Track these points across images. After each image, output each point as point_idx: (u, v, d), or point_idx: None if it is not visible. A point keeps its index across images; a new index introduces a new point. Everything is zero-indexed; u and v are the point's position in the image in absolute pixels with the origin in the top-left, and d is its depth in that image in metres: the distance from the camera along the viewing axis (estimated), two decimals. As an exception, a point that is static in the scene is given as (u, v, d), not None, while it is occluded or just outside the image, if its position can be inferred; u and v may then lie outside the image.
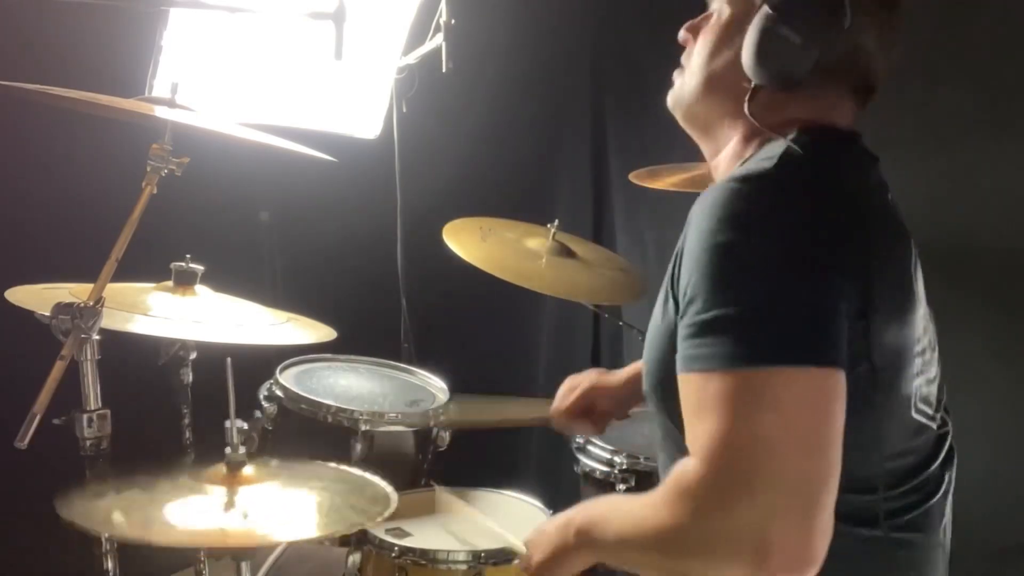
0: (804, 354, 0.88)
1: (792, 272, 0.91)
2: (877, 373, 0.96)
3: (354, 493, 1.36)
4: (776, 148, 1.01)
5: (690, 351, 0.92)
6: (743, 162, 1.09)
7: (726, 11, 1.11)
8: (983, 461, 2.05)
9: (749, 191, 0.95)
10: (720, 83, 1.10)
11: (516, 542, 1.42)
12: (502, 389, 2.91)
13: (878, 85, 1.11)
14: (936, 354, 1.11)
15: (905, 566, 1.04)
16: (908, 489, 1.03)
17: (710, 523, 0.87)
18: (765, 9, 1.02)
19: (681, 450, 1.02)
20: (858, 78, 1.09)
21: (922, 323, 1.04)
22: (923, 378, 1.04)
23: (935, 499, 1.06)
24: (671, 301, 1.00)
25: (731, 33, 1.09)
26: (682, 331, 0.94)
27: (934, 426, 1.08)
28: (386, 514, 1.27)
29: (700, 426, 0.90)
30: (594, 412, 1.58)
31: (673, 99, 1.18)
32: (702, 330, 0.91)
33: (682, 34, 1.18)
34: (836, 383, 0.88)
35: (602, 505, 1.08)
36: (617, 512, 1.03)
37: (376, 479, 1.42)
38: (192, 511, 1.21)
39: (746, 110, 1.06)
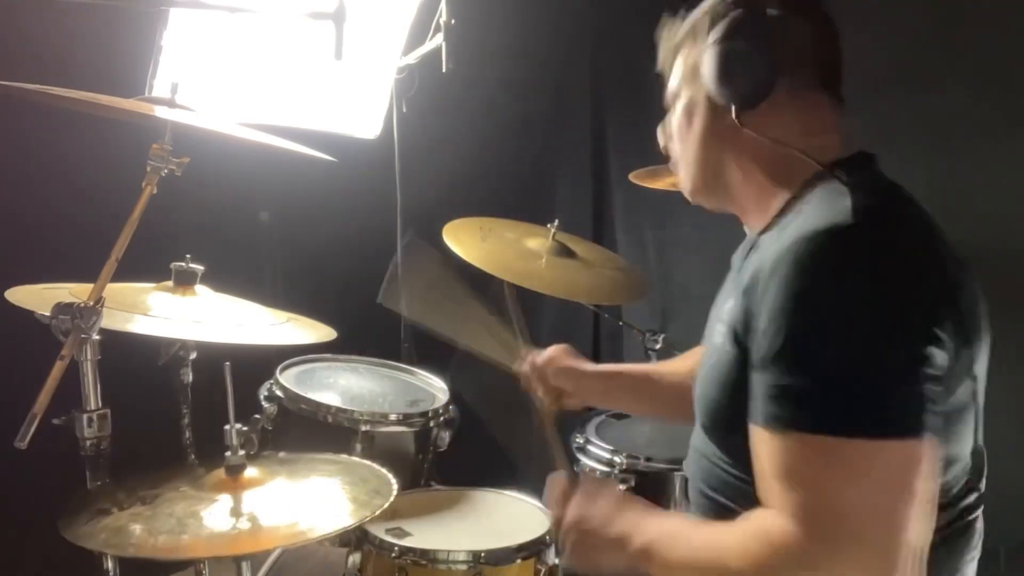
0: (897, 428, 0.91)
1: (887, 340, 0.92)
2: (956, 416, 1.02)
3: (357, 486, 1.37)
4: (842, 197, 1.01)
5: (775, 410, 0.94)
6: (787, 204, 1.10)
7: (683, 96, 1.18)
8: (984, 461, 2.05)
9: (836, 247, 0.94)
10: (710, 139, 1.15)
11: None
12: (502, 388, 2.92)
13: (841, 75, 1.14)
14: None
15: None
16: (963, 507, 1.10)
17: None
18: (709, 50, 1.08)
19: (731, 490, 1.08)
20: (816, 65, 1.11)
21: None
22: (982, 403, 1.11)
23: (977, 511, 1.14)
24: (737, 345, 1.01)
25: (695, 104, 1.15)
26: (765, 386, 0.95)
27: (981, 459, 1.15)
28: (385, 505, 1.29)
29: (790, 488, 0.93)
30: (546, 383, 1.62)
31: (690, 191, 1.23)
32: (790, 392, 0.93)
33: (661, 141, 1.27)
34: (925, 453, 0.91)
35: (668, 525, 1.09)
36: (689, 537, 1.05)
37: (378, 467, 1.44)
38: (201, 521, 1.21)
39: (747, 133, 1.09)
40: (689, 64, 1.16)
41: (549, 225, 2.14)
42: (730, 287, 1.14)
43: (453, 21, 2.19)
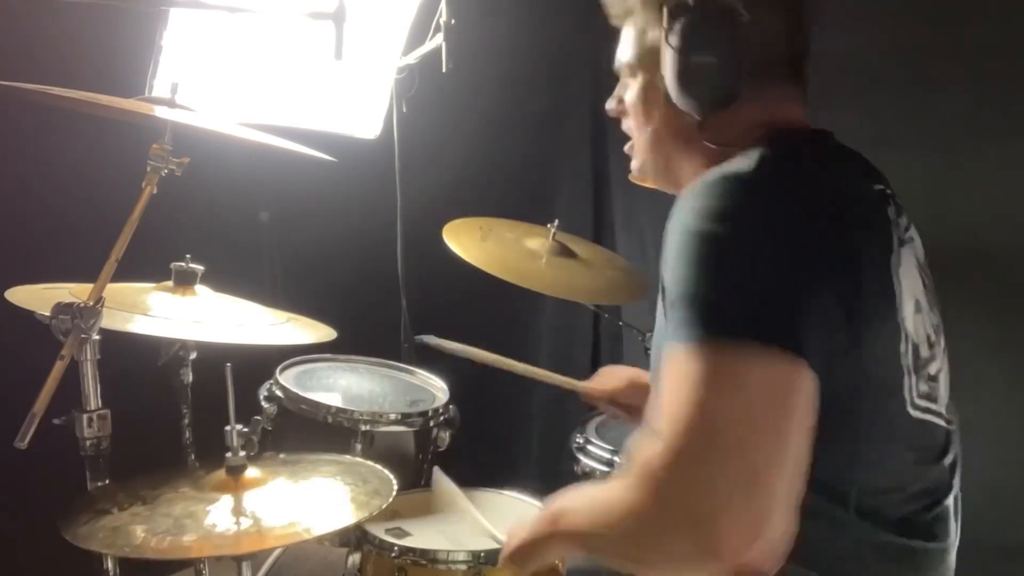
0: (773, 334, 0.87)
1: (772, 265, 0.91)
2: (866, 376, 0.96)
3: (357, 487, 1.37)
4: (752, 153, 1.01)
5: (669, 329, 0.93)
6: None
7: (638, 76, 1.17)
8: (983, 461, 2.05)
9: (730, 186, 0.95)
10: (665, 134, 1.15)
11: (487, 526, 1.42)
12: (503, 389, 2.92)
13: (806, 58, 1.12)
14: (940, 348, 1.10)
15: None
16: (916, 492, 1.02)
17: (663, 499, 0.87)
18: (668, 51, 1.05)
19: None
20: (784, 61, 1.10)
21: (914, 318, 1.03)
22: (921, 374, 1.03)
23: (943, 504, 1.05)
24: (662, 298, 1.01)
25: (651, 90, 1.14)
26: (667, 310, 0.96)
27: (941, 422, 1.07)
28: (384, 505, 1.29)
29: (664, 401, 0.90)
30: (620, 402, 1.65)
31: (637, 169, 1.24)
32: (678, 306, 0.92)
33: (612, 108, 1.26)
34: (803, 378, 0.88)
35: (577, 494, 1.07)
36: (588, 498, 1.02)
37: (378, 467, 1.44)
38: (201, 521, 1.21)
39: (704, 141, 1.08)
40: (647, 44, 1.13)
41: (549, 225, 2.14)
42: None
43: (453, 21, 2.19)
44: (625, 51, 1.20)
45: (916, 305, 1.04)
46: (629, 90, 1.20)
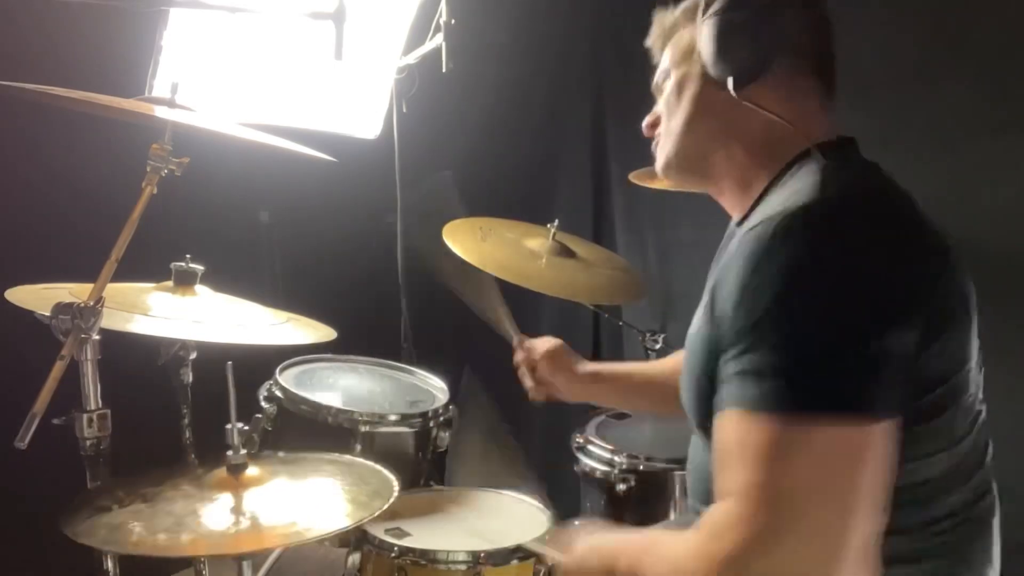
0: (849, 404, 0.88)
1: (848, 317, 0.90)
2: (946, 398, 0.99)
3: (357, 487, 1.37)
4: (811, 175, 1.00)
5: (734, 390, 0.93)
6: (767, 187, 1.10)
7: (673, 77, 1.18)
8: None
9: (800, 229, 0.92)
10: (701, 123, 1.15)
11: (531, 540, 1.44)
12: (503, 389, 2.91)
13: (835, 71, 1.15)
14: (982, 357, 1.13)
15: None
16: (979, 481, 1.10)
17: (746, 565, 0.88)
18: (708, 23, 1.07)
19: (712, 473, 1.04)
20: (816, 59, 1.12)
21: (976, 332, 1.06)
22: (976, 368, 1.08)
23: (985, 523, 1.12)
24: (711, 331, 1.00)
25: (686, 83, 1.15)
26: (729, 370, 0.94)
27: (983, 409, 1.12)
28: (385, 506, 1.29)
29: (735, 468, 0.91)
30: (536, 375, 1.71)
31: (664, 163, 1.22)
32: (748, 372, 0.91)
33: (646, 129, 1.26)
34: (881, 432, 0.89)
35: (645, 541, 1.09)
36: (658, 551, 1.04)
37: (379, 467, 1.44)
38: (201, 519, 1.21)
39: (732, 91, 1.07)
40: (683, 45, 1.16)
41: (549, 225, 2.14)
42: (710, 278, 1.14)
43: (453, 21, 2.19)
44: (663, 64, 1.22)
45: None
46: (663, 95, 1.21)
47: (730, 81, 1.07)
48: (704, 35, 1.09)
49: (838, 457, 0.87)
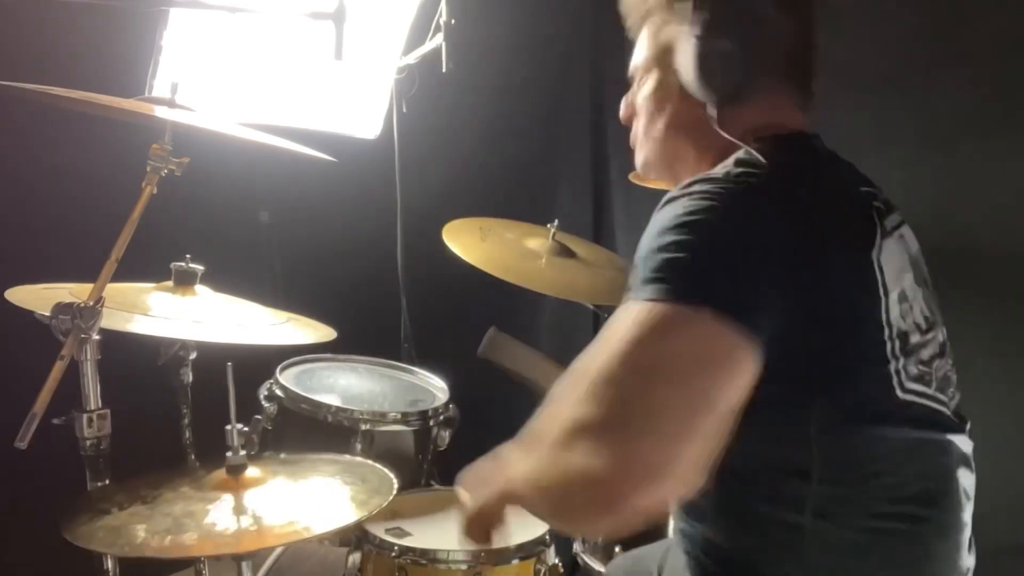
0: (725, 302, 0.90)
1: (739, 250, 0.94)
2: (837, 360, 0.98)
3: (359, 483, 1.37)
4: (730, 160, 1.05)
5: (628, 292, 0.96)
6: None
7: (652, 75, 1.18)
8: (983, 461, 2.05)
9: (692, 196, 0.98)
10: (676, 128, 1.17)
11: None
12: (503, 389, 2.92)
13: (812, 68, 1.16)
14: (936, 338, 1.11)
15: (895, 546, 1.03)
16: (913, 471, 1.03)
17: (581, 432, 0.89)
18: (690, 40, 1.07)
19: None
20: (792, 67, 1.13)
21: (898, 307, 1.04)
22: (912, 358, 1.04)
23: (949, 478, 1.06)
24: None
25: (664, 87, 1.16)
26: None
27: (941, 407, 1.07)
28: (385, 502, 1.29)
29: (597, 348, 0.94)
30: None
31: (642, 169, 1.25)
32: (639, 268, 0.96)
33: (623, 113, 1.26)
34: (742, 352, 0.89)
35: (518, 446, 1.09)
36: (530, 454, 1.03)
37: (379, 466, 1.44)
38: (201, 520, 1.22)
39: (717, 127, 1.09)
40: (661, 41, 1.16)
41: (549, 225, 2.14)
42: None
43: (453, 21, 2.19)
44: (640, 53, 1.22)
45: (901, 295, 1.06)
46: (641, 90, 1.22)
47: (709, 107, 1.09)
48: (685, 55, 1.08)
49: (698, 346, 0.89)
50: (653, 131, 1.20)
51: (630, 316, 0.92)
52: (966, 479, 1.09)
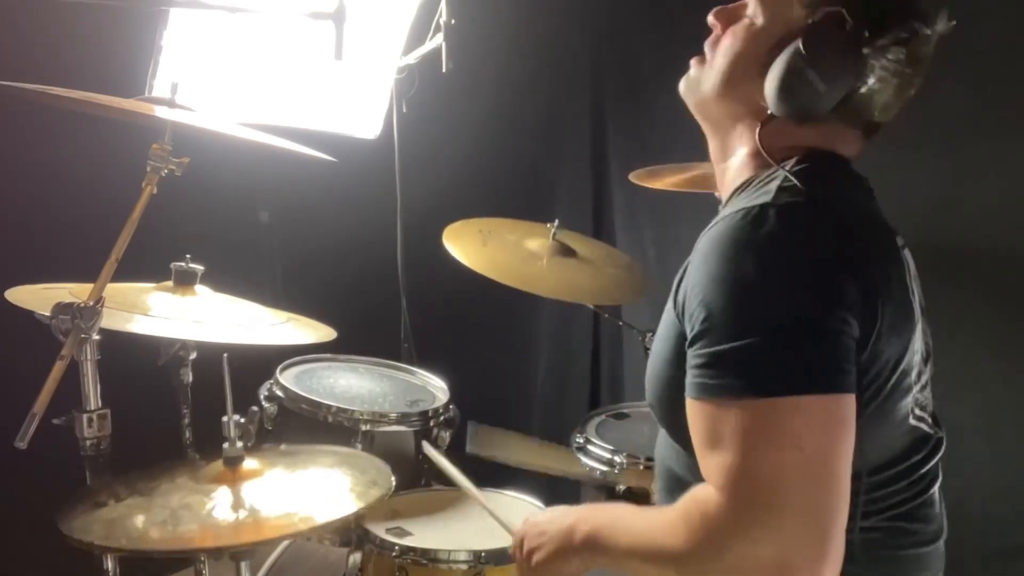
0: (816, 383, 0.91)
1: (800, 304, 0.94)
2: (881, 391, 1.00)
3: (357, 476, 1.37)
4: (774, 181, 1.04)
5: (702, 380, 0.96)
6: (745, 183, 1.12)
7: (760, 19, 1.11)
8: (983, 461, 2.05)
9: (753, 223, 0.97)
10: (739, 92, 1.12)
11: (497, 513, 1.42)
12: (502, 389, 2.92)
13: (886, 124, 1.13)
14: (931, 359, 1.13)
15: (898, 559, 1.08)
16: (905, 486, 1.07)
17: (731, 551, 0.91)
18: (797, 47, 1.03)
19: (681, 463, 1.09)
20: (870, 118, 1.10)
21: (921, 336, 1.07)
22: (919, 385, 1.08)
23: (926, 495, 1.10)
24: (676, 325, 1.03)
25: (761, 47, 1.09)
26: (694, 360, 0.97)
27: (930, 430, 1.11)
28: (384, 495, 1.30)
29: (717, 456, 0.93)
30: None
31: (687, 87, 1.19)
32: (714, 361, 0.94)
33: (712, 18, 1.17)
34: (847, 407, 0.92)
35: (611, 512, 1.11)
36: (628, 523, 1.06)
37: (373, 459, 1.44)
38: (198, 512, 1.21)
39: (757, 136, 1.09)
40: (785, 15, 1.08)
41: (549, 225, 2.14)
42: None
43: (453, 21, 2.19)
44: None
45: (923, 323, 1.09)
46: (746, 17, 1.12)
47: (765, 114, 1.08)
48: (779, 63, 1.04)
49: (813, 434, 0.90)
50: (721, 75, 1.13)
51: (747, 421, 0.92)
52: (939, 478, 1.13)
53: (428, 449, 1.66)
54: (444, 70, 2.21)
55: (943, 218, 2.03)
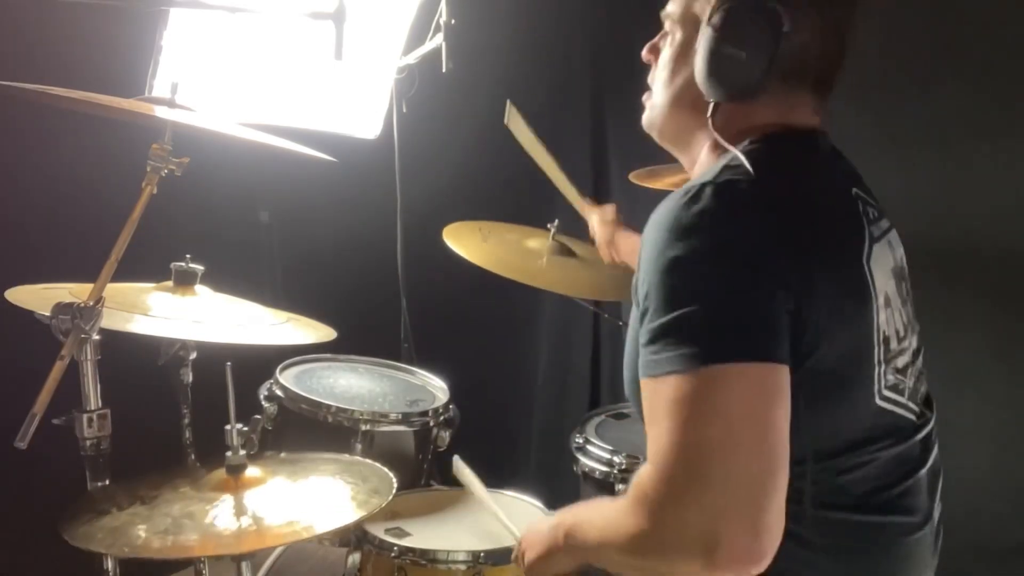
0: (740, 352, 0.91)
1: (729, 278, 0.94)
2: (827, 365, 0.98)
3: (359, 483, 1.37)
4: (723, 159, 1.05)
5: (644, 358, 0.97)
6: None
7: (678, 34, 1.15)
8: (983, 461, 2.05)
9: (689, 201, 0.98)
10: (683, 101, 1.15)
11: (507, 523, 1.47)
12: (502, 389, 2.92)
13: (835, 76, 1.13)
14: (913, 342, 1.12)
15: (867, 546, 1.06)
16: (876, 473, 1.05)
17: (663, 524, 0.92)
18: (707, 30, 1.05)
19: None
20: (812, 75, 1.10)
21: (884, 313, 1.06)
22: (890, 366, 1.06)
23: (913, 478, 1.08)
24: (636, 309, 1.04)
25: (685, 53, 1.13)
26: (641, 340, 0.99)
27: (910, 415, 1.10)
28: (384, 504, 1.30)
29: (652, 431, 0.95)
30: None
31: (647, 122, 1.24)
32: (653, 338, 0.96)
33: (644, 55, 1.24)
34: (778, 378, 0.92)
35: (585, 508, 1.14)
36: (594, 515, 1.09)
37: (378, 466, 1.44)
38: (200, 520, 1.21)
39: (710, 126, 1.09)
40: (691, 4, 1.13)
41: (549, 225, 2.14)
42: None
43: (453, 21, 2.19)
44: (676, 3, 1.17)
45: (886, 300, 1.07)
46: (667, 43, 1.18)
47: (710, 106, 1.08)
48: (700, 42, 1.06)
49: (743, 403, 0.90)
50: (665, 95, 1.17)
51: (677, 392, 0.92)
52: (928, 464, 1.11)
53: (459, 466, 1.67)
54: (444, 70, 2.21)
55: (943, 218, 2.03)
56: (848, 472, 1.03)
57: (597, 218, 2.00)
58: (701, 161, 1.16)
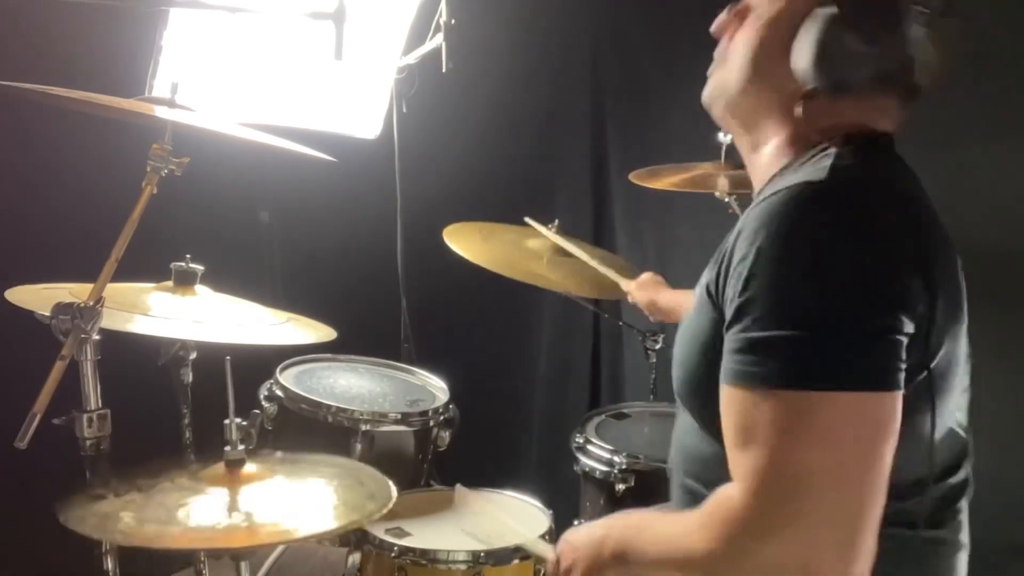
0: (857, 379, 0.86)
1: (851, 293, 0.88)
2: (935, 383, 0.94)
3: (355, 488, 1.37)
4: (827, 159, 0.98)
5: (739, 366, 0.91)
6: (786, 166, 1.06)
7: (769, 7, 1.06)
8: (983, 461, 2.05)
9: (806, 204, 0.91)
10: (767, 79, 1.06)
11: (529, 538, 1.45)
12: (502, 389, 2.92)
13: (925, 88, 1.06)
14: (970, 364, 1.09)
15: (935, 564, 1.04)
16: (943, 492, 1.04)
17: (753, 552, 0.88)
18: (829, 13, 0.98)
19: (704, 453, 1.04)
20: (909, 81, 1.04)
21: (966, 335, 1.02)
22: (962, 387, 1.04)
23: (961, 500, 1.06)
24: (712, 305, 0.98)
25: (780, 30, 1.03)
26: (732, 344, 0.92)
27: (965, 434, 1.08)
28: (385, 510, 1.28)
29: (746, 450, 0.89)
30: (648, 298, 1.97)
31: (715, 91, 1.13)
32: (754, 347, 0.89)
33: (716, 27, 1.13)
34: (891, 407, 0.87)
35: (636, 522, 1.08)
36: (653, 531, 1.03)
37: (375, 472, 1.43)
38: (193, 512, 1.21)
39: (798, 113, 1.02)
40: None
41: (549, 225, 2.14)
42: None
43: (453, 21, 2.19)
44: None
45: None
46: (754, 15, 1.08)
47: (800, 93, 1.02)
48: (811, 32, 0.98)
49: (848, 434, 0.85)
50: (744, 60, 1.07)
51: (779, 413, 0.87)
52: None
53: (462, 493, 1.65)
54: (444, 70, 2.21)
55: (943, 218, 2.03)
56: (948, 492, 1.02)
57: (635, 286, 2.03)
58: (772, 150, 1.08)
